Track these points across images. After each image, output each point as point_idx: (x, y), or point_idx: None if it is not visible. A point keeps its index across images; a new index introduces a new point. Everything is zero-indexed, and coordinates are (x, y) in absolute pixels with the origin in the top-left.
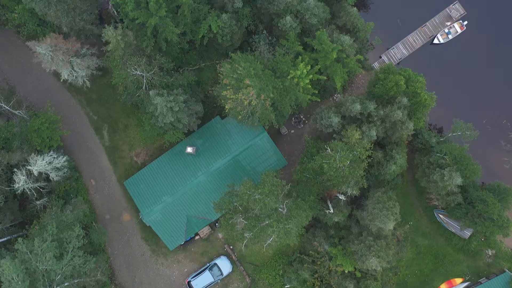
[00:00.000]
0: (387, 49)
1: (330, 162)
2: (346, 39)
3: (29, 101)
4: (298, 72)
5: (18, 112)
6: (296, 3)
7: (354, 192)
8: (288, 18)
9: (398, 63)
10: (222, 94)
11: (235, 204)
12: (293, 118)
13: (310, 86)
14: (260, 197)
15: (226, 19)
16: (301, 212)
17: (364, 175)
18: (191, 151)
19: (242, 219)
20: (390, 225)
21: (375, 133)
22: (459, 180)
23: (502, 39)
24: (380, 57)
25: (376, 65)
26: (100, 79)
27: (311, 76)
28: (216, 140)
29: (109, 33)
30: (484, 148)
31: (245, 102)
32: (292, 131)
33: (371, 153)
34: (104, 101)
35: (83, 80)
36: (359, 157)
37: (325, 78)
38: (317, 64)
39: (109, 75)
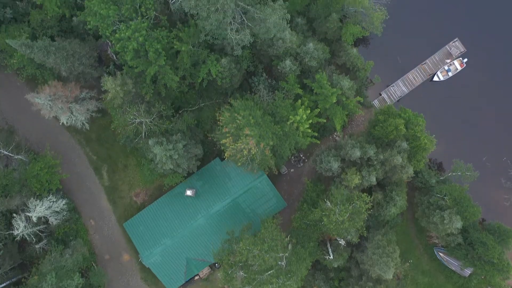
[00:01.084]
0: (387, 86)
1: (329, 215)
2: (346, 83)
3: (29, 141)
4: (298, 117)
5: (18, 157)
6: (295, 47)
7: (354, 239)
8: (288, 62)
9: (398, 100)
10: (221, 142)
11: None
12: (292, 157)
13: (310, 130)
14: (260, 253)
15: (225, 63)
16: (300, 265)
17: (364, 225)
18: (190, 194)
19: (242, 272)
20: (390, 274)
21: (375, 179)
22: (459, 224)
23: (501, 76)
24: (380, 94)
25: (376, 102)
26: (99, 119)
27: (310, 120)
28: (215, 182)
29: (108, 83)
30: (484, 185)
31: (245, 152)
32: (292, 170)
33: (371, 206)
34: (103, 141)
35: (82, 123)
36: (359, 209)
37: (324, 120)
38: (317, 107)
39: (109, 115)
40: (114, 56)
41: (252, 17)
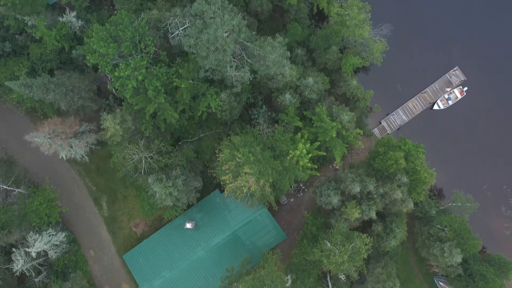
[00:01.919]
0: (387, 114)
1: (329, 256)
2: (346, 117)
3: (28, 172)
4: (298, 152)
5: (17, 191)
6: (295, 80)
7: (354, 276)
8: (288, 95)
9: (398, 129)
10: (221, 178)
11: None
12: (292, 187)
13: (309, 164)
14: None
15: (225, 97)
16: None
17: (363, 263)
18: (190, 226)
19: None
20: None
21: (375, 214)
22: (459, 258)
23: (502, 104)
24: (380, 122)
25: (376, 130)
26: (99, 150)
27: (310, 154)
28: (215, 214)
29: (108, 122)
30: (484, 213)
31: (245, 190)
32: (292, 200)
33: (370, 247)
34: (103, 172)
35: (82, 156)
36: (359, 250)
37: (324, 153)
38: (317, 139)
39: (108, 146)
40: (113, 89)
41: (251, 54)
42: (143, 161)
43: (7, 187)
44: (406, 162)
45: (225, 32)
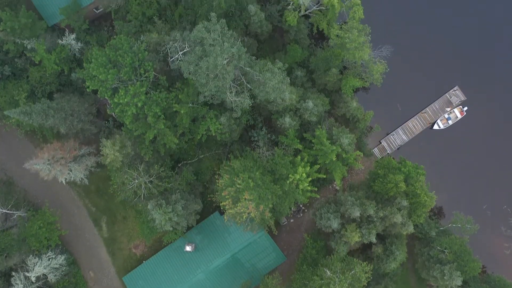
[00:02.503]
0: (387, 134)
1: (329, 284)
2: (346, 141)
3: (28, 193)
4: (297, 176)
5: (17, 214)
6: (295, 103)
7: None
8: (288, 119)
9: (398, 149)
10: (221, 204)
11: None
12: (292, 208)
13: (309, 188)
14: None
15: (224, 121)
16: None
17: None
18: (189, 249)
19: None
20: None
21: (375, 238)
22: (459, 281)
23: (502, 124)
24: (380, 142)
25: (376, 150)
26: (99, 171)
27: (310, 178)
28: (215, 237)
29: (107, 149)
30: (484, 232)
31: (244, 216)
32: (292, 221)
33: (370, 274)
34: (102, 193)
35: (81, 179)
36: (359, 278)
37: (324, 176)
38: (316, 162)
39: (108, 171)
40: (113, 113)
41: (251, 79)
42: (143, 186)
43: (7, 211)
44: (406, 185)
45: (225, 59)
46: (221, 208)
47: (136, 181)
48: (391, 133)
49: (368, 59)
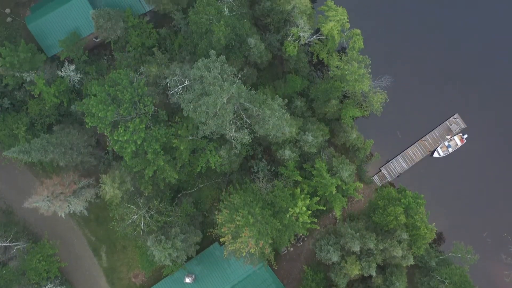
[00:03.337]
0: (387, 161)
1: None
2: (345, 174)
3: (27, 222)
4: (297, 210)
5: (17, 247)
6: (295, 135)
7: None
8: (287, 151)
9: (398, 176)
10: (220, 240)
11: None
12: (291, 240)
13: (309, 221)
14: None
15: (224, 154)
16: None
17: None
18: (189, 281)
19: None
20: None
21: (374, 272)
22: None
23: (502, 152)
24: (380, 170)
25: (376, 178)
26: (98, 202)
27: (310, 212)
28: (214, 268)
29: (107, 187)
30: (484, 260)
31: (244, 252)
32: (291, 249)
33: None
34: (102, 222)
35: (81, 211)
36: None
37: (324, 208)
38: (316, 193)
39: (107, 206)
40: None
41: (251, 114)
42: (142, 221)
43: (7, 244)
44: (406, 217)
45: (225, 98)
46: (221, 243)
47: (136, 216)
48: (391, 161)
49: (368, 90)
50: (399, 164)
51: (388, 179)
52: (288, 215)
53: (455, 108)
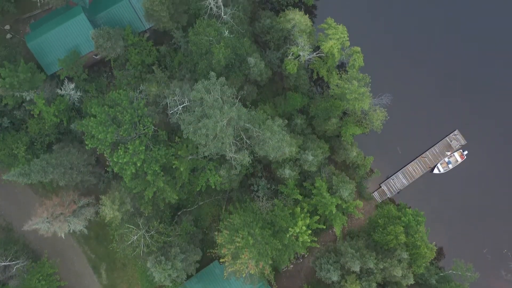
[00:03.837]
0: (387, 177)
1: None
2: (346, 193)
3: (27, 239)
4: (297, 229)
5: (17, 266)
6: (295, 154)
7: None
8: (287, 170)
9: (398, 193)
10: (220, 260)
11: None
12: (291, 260)
13: (309, 240)
14: None
15: (224, 173)
16: None
17: None
18: None
19: None
20: None
21: None
22: None
23: (502, 168)
24: (380, 186)
25: (376, 194)
26: (98, 220)
27: (310, 231)
28: (214, 286)
29: (107, 210)
30: (484, 277)
31: (243, 274)
32: (291, 266)
33: None
34: (101, 239)
35: (81, 229)
36: None
37: (324, 227)
38: (316, 211)
39: (107, 227)
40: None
41: (251, 135)
42: (142, 242)
43: (7, 263)
44: (406, 235)
45: (224, 120)
46: (220, 262)
47: (135, 237)
48: (391, 177)
49: (368, 108)
50: (399, 180)
51: (388, 196)
52: (288, 235)
53: (455, 124)
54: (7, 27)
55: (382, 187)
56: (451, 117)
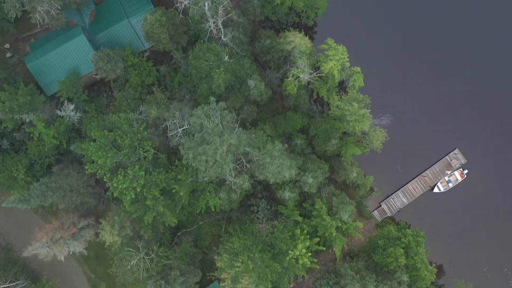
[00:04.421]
0: (387, 196)
1: None
2: (345, 215)
3: (26, 258)
4: (297, 252)
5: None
6: (294, 176)
7: None
8: (287, 193)
9: (398, 211)
10: (220, 284)
11: None
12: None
13: (309, 262)
14: None
15: (224, 196)
16: None
17: None
18: None
19: None
20: None
21: None
22: None
23: (502, 187)
24: (380, 205)
25: (376, 213)
26: (97, 240)
27: (310, 254)
28: None
29: (106, 235)
30: None
31: None
32: (291, 286)
33: None
34: (101, 259)
35: (81, 251)
36: None
37: (324, 249)
38: (316, 233)
39: (107, 251)
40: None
41: (251, 159)
42: (142, 265)
43: (7, 285)
44: (406, 257)
45: (224, 147)
46: (220, 285)
47: (135, 261)
48: (391, 196)
49: (368, 129)
50: (399, 199)
51: (388, 214)
52: (288, 258)
53: (455, 143)
54: (7, 45)
55: (382, 206)
56: (451, 136)
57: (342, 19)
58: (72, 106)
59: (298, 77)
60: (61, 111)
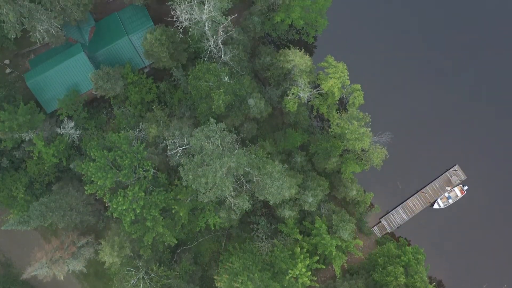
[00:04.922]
0: (387, 212)
1: None
2: (345, 234)
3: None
4: (297, 271)
5: None
6: (294, 194)
7: None
8: (287, 211)
9: (398, 227)
10: None
11: None
12: None
13: (309, 281)
14: None
15: (223, 215)
16: None
17: None
18: None
19: None
20: None
21: None
22: None
23: (502, 203)
24: (380, 221)
25: (376, 229)
26: (97, 257)
27: (309, 273)
28: None
29: (106, 257)
30: None
31: None
32: None
33: None
34: (101, 275)
35: (80, 269)
36: None
37: (323, 267)
38: (316, 251)
39: (106, 270)
40: None
41: (251, 180)
42: (142, 286)
43: None
44: (406, 275)
45: (224, 169)
46: None
47: (134, 281)
48: (391, 212)
49: (368, 147)
50: (399, 216)
51: (388, 230)
52: (287, 277)
53: (455, 159)
54: (7, 61)
55: (382, 222)
56: (451, 152)
57: (342, 36)
58: (72, 124)
59: (298, 95)
60: (61, 128)
